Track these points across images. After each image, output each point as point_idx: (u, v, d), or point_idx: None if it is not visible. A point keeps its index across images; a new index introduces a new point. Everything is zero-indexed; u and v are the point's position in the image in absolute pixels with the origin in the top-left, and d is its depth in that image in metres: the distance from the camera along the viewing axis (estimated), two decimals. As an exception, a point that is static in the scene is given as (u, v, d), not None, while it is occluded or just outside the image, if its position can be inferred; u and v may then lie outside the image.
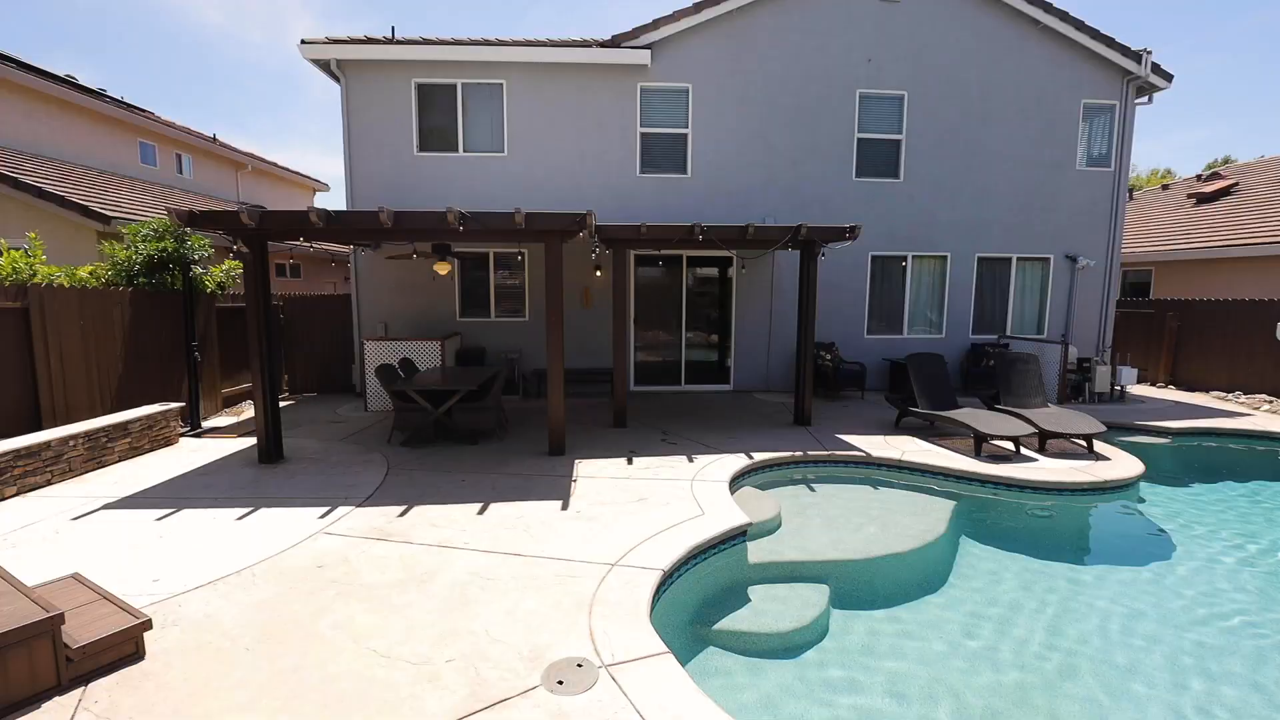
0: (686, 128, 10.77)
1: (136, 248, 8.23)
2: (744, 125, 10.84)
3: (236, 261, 8.88)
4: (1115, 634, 4.21)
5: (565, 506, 5.31)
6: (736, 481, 6.22)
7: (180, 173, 17.38)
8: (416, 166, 10.51)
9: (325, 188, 24.06)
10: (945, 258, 11.60)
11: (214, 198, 17.91)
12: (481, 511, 5.20)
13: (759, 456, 6.82)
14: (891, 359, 11.11)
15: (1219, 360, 11.89)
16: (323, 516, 5.10)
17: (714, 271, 11.42)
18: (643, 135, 10.71)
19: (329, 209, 6.26)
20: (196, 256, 8.54)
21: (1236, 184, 17.57)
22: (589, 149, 10.64)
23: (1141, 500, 6.57)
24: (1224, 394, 11.51)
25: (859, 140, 11.11)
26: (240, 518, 5.07)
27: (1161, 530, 5.93)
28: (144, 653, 3.20)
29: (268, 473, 6.34)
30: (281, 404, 9.94)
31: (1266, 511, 6.42)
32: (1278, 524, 6.09)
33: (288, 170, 21.98)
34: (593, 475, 6.20)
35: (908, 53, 10.95)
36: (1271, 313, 10.52)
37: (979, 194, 11.44)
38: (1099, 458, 7.06)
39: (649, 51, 10.26)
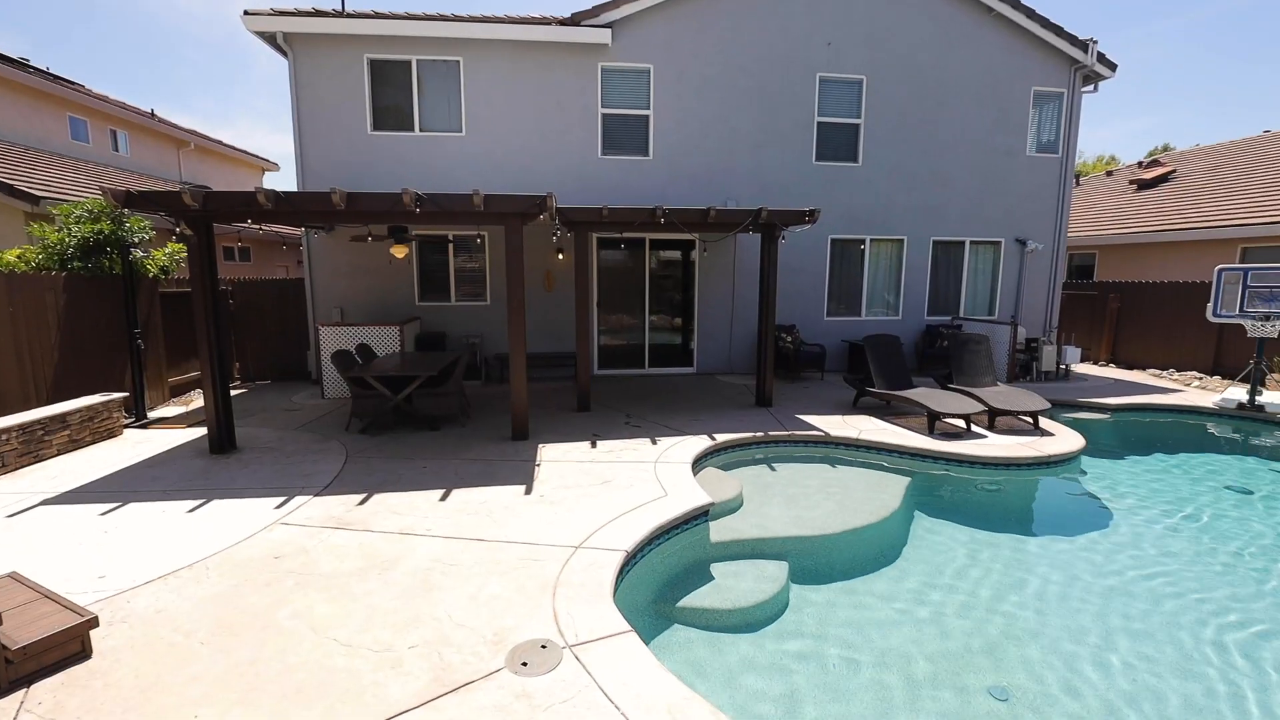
0: (648, 109, 10.69)
1: (69, 229, 7.80)
2: (705, 108, 10.82)
3: (180, 245, 8.51)
4: (1053, 597, 4.46)
5: (529, 491, 5.31)
6: (699, 463, 6.31)
7: (116, 150, 16.48)
8: (371, 146, 10.18)
9: (275, 167, 23.15)
10: (902, 241, 11.86)
11: (154, 177, 17.05)
12: (444, 498, 5.16)
13: (721, 438, 6.92)
14: (850, 340, 11.35)
15: (1155, 339, 12.52)
16: (279, 506, 4.99)
17: (677, 254, 11.44)
18: (604, 116, 10.59)
19: (278, 190, 6.03)
20: (136, 239, 8.15)
21: (1174, 171, 18.39)
22: (549, 129, 10.47)
23: (1083, 473, 6.92)
24: (1159, 371, 12.14)
25: (819, 124, 11.21)
26: (191, 510, 4.91)
27: (1099, 500, 6.26)
28: (90, 651, 3.10)
29: (220, 463, 6.14)
30: (233, 392, 9.62)
31: (1192, 481, 6.84)
32: (1201, 492, 6.49)
33: (234, 149, 21.05)
34: (557, 459, 6.20)
35: (867, 37, 11.06)
36: (1202, 294, 11.09)
37: (934, 179, 11.70)
38: (1044, 433, 7.38)
39: (610, 30, 10.11)
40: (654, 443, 6.75)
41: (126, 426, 7.47)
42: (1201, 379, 11.30)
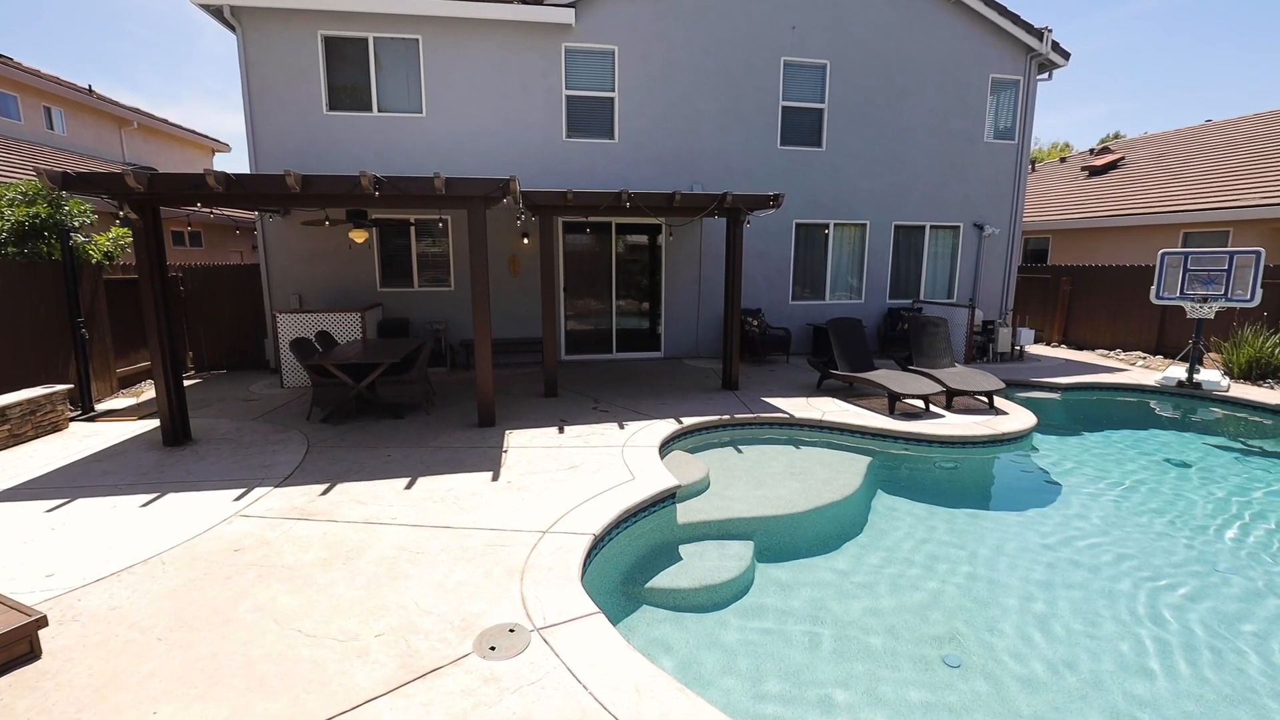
0: (613, 91, 10.58)
1: (1, 213, 7.38)
2: (671, 90, 10.76)
3: (125, 229, 8.15)
4: (1004, 567, 4.66)
5: (496, 478, 5.29)
6: (666, 446, 6.37)
7: (51, 129, 15.62)
8: (327, 126, 9.86)
9: (225, 148, 22.25)
10: (865, 226, 12.05)
11: (94, 158, 16.23)
12: (409, 486, 5.11)
13: (688, 421, 6.99)
14: (815, 324, 11.54)
15: (1104, 321, 13.04)
16: (238, 499, 4.87)
17: (644, 239, 11.41)
18: (568, 98, 10.45)
19: (229, 172, 5.81)
20: (77, 223, 7.77)
21: (1123, 158, 19.04)
22: (512, 111, 10.29)
23: (1034, 449, 7.20)
24: (1107, 351, 12.66)
25: (783, 109, 11.26)
26: (145, 504, 4.76)
27: (1049, 475, 6.54)
28: (40, 652, 3.00)
29: (174, 456, 5.96)
30: (187, 383, 9.31)
31: (1135, 455, 7.19)
32: (1143, 466, 6.83)
33: (181, 128, 20.14)
34: (524, 445, 6.19)
35: (830, 22, 11.11)
36: (1147, 278, 11.58)
37: (896, 164, 11.90)
38: (999, 413, 7.65)
39: (573, 10, 9.95)
40: (621, 427, 6.79)
41: (73, 420, 7.17)
42: (1145, 358, 11.82)
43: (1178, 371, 9.49)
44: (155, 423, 6.90)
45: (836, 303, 12.23)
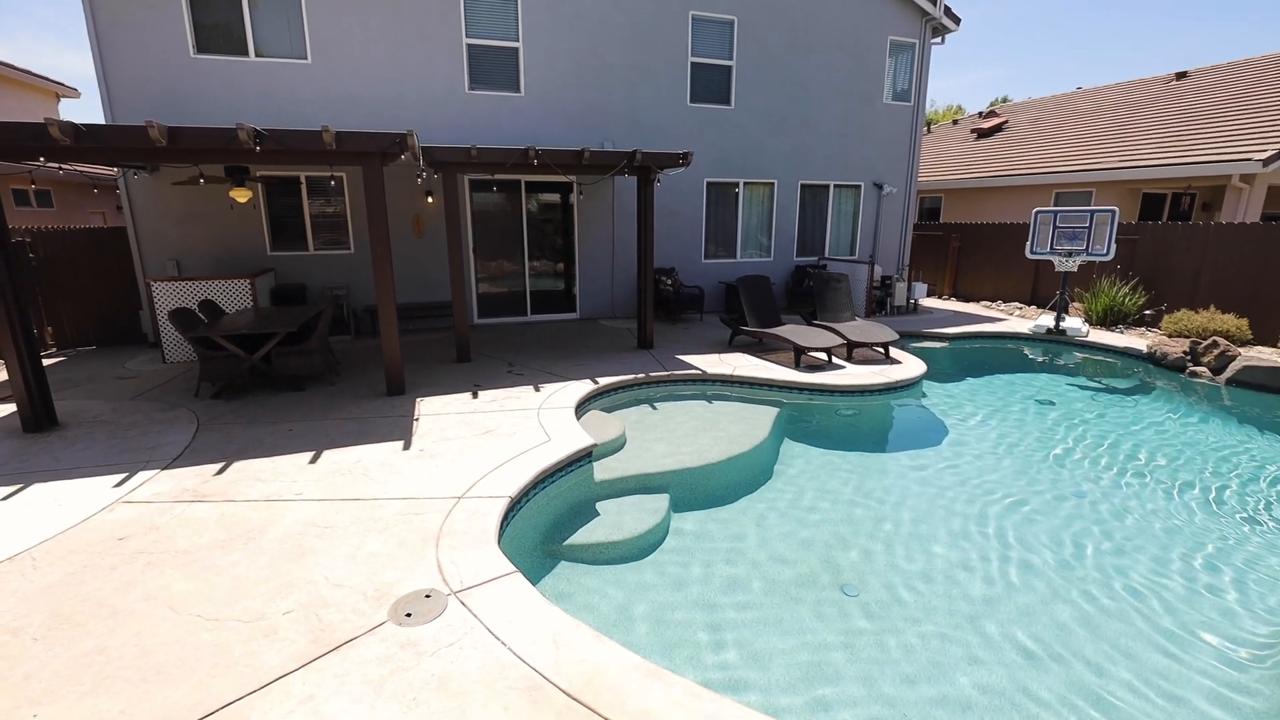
0: (517, 41, 10.12)
1: None
2: (578, 42, 10.42)
3: (-48, 187, 7.08)
4: (897, 502, 5.12)
5: (407, 446, 5.16)
6: (583, 406, 6.42)
7: None
8: (195, 71, 8.87)
9: (74, 93, 19.49)
10: (773, 185, 12.34)
11: (-94, 102, 13.85)
12: (314, 460, 4.90)
13: (604, 381, 7.06)
14: (727, 282, 11.81)
15: (988, 274, 14.13)
16: (119, 484, 4.50)
17: (555, 197, 11.17)
18: (469, 47, 9.90)
19: (77, 122, 5.14)
20: (-112, 180, 6.67)
21: (1006, 122, 20.37)
22: (410, 60, 9.64)
23: (924, 395, 7.82)
24: (990, 303, 13.78)
25: (693, 64, 11.19)
26: (5, 498, 4.31)
27: (937, 417, 7.14)
28: (-113, 662, 2.71)
29: (38, 443, 5.39)
30: (48, 361, 8.37)
31: (1009, 396, 7.97)
32: (1015, 405, 7.60)
33: (14, 69, 17.45)
34: (437, 413, 6.05)
35: (736, -24, 11.06)
36: (1024, 234, 12.60)
37: (802, 123, 12.18)
38: (893, 362, 8.21)
39: (471, -49, 9.35)
40: (537, 389, 6.76)
41: (-94, 407, 6.31)
42: (1022, 309, 12.98)
43: (1047, 320, 10.50)
44: (11, 408, 6.19)
45: (748, 260, 12.56)
